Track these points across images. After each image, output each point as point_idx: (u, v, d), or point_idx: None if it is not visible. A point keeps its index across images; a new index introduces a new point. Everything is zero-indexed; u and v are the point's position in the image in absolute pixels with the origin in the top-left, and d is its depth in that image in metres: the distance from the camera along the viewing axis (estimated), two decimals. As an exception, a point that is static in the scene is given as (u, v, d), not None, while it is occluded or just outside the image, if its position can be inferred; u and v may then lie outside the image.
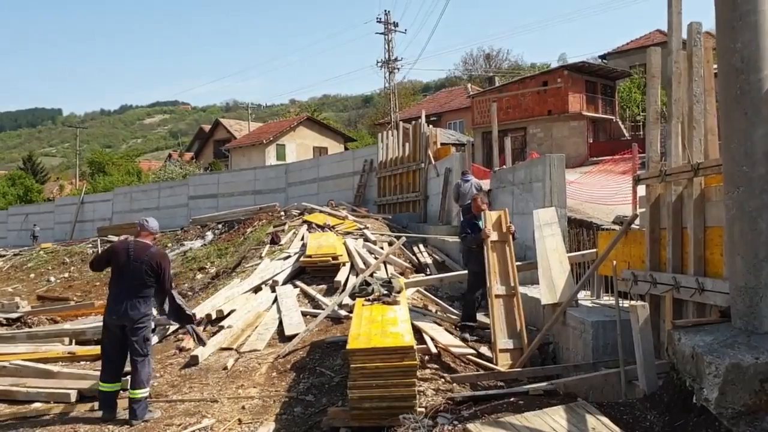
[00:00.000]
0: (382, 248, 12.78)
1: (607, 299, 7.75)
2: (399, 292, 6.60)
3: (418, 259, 13.08)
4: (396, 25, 38.13)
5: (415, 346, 5.06)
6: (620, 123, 33.88)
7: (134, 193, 34.16)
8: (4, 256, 29.78)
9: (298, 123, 44.13)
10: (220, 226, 23.04)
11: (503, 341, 6.89)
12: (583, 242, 9.99)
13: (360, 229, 15.52)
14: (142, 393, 5.90)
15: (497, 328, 6.87)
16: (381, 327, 5.39)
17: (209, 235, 22.42)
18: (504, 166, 13.76)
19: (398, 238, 15.33)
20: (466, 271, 8.53)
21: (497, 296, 7.21)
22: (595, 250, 8.22)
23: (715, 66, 5.14)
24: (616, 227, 9.64)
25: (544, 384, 5.43)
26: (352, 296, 6.68)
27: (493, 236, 7.85)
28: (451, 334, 7.37)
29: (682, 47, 6.15)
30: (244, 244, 18.66)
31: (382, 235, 15.32)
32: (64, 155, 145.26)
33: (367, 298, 6.42)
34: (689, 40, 5.87)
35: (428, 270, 12.26)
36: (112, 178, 47.99)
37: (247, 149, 42.91)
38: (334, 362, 6.68)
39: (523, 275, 9.79)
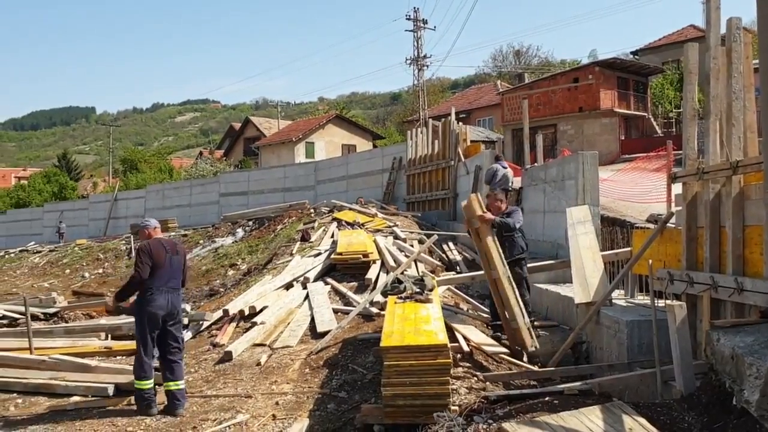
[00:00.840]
0: (412, 246, 12.79)
1: (642, 299, 7.66)
2: (431, 290, 6.60)
3: (448, 257, 13.05)
4: (425, 22, 38.10)
5: (449, 344, 5.06)
6: (653, 120, 33.38)
7: (166, 190, 34.66)
8: (40, 252, 30.45)
9: (326, 121, 44.32)
10: (250, 223, 23.27)
11: (523, 321, 6.77)
12: (617, 241, 9.88)
13: (389, 226, 15.54)
14: (183, 383, 6.09)
15: (515, 310, 6.70)
16: (414, 325, 5.40)
17: (240, 232, 22.66)
18: (535, 164, 13.66)
19: (428, 236, 15.38)
20: None
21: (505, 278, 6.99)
22: (629, 248, 8.13)
23: (755, 62, 5.05)
24: (651, 226, 9.50)
25: (578, 383, 5.39)
26: (384, 294, 6.70)
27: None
28: (483, 332, 7.35)
29: (721, 43, 6.03)
30: (275, 241, 18.84)
31: (412, 232, 15.30)
32: (97, 153, 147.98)
33: (399, 295, 6.44)
34: (728, 35, 5.76)
35: (458, 268, 12.23)
36: (145, 176, 48.71)
37: (277, 147, 43.23)
38: (367, 359, 6.71)
39: (555, 273, 9.76)
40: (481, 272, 8.35)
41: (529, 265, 8.68)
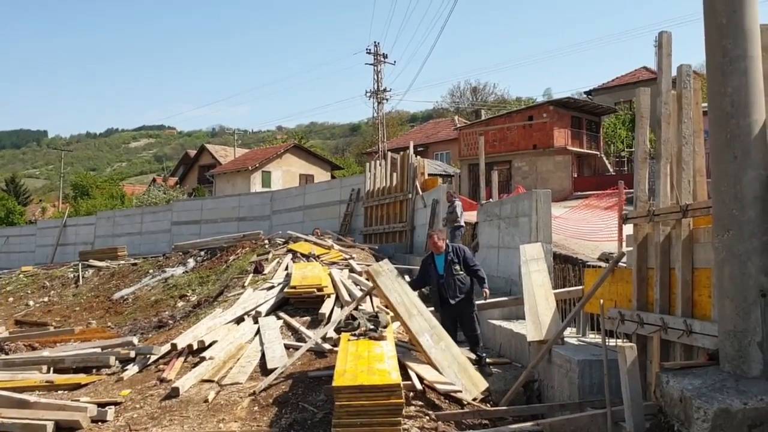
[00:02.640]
0: (368, 279, 12.69)
1: (593, 337, 7.72)
2: (385, 327, 6.52)
3: (403, 291, 12.97)
4: (385, 56, 38.58)
5: (402, 384, 4.98)
6: (605, 158, 34.28)
7: (117, 217, 33.88)
8: (-20, 278, 29.24)
9: (284, 150, 44.21)
10: (202, 253, 22.82)
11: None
12: (569, 278, 9.99)
13: (345, 259, 15.44)
14: None
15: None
16: (367, 363, 5.31)
17: (191, 262, 22.19)
18: (490, 200, 13.82)
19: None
20: None
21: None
22: (581, 287, 8.22)
23: (704, 106, 5.21)
24: (603, 264, 9.64)
25: (530, 424, 5.36)
26: (338, 330, 6.59)
27: None
28: (436, 369, 7.28)
29: (672, 87, 6.22)
30: (227, 272, 18.49)
31: (367, 265, 15.21)
32: (48, 177, 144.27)
33: (353, 332, 6.34)
34: (679, 81, 5.95)
35: (413, 302, 12.18)
36: (96, 202, 47.56)
37: (232, 175, 42.82)
38: (318, 397, 6.55)
39: (508, 310, 9.79)
40: (432, 309, 8.36)
41: (482, 302, 8.72)
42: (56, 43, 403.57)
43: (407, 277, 14.66)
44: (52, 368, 9.13)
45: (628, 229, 7.01)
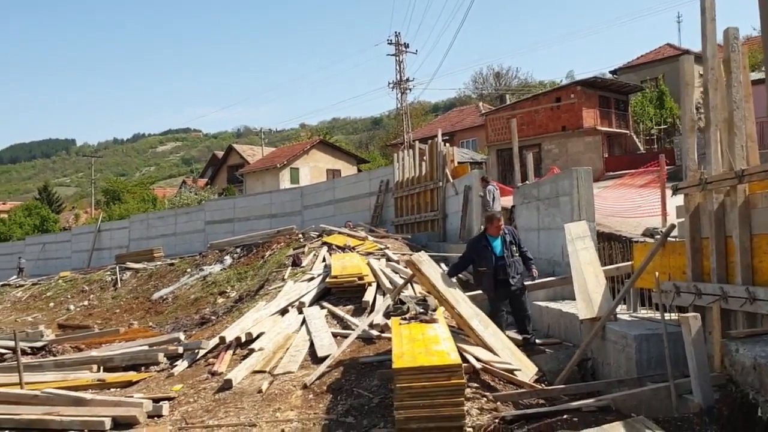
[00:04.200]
0: (406, 268, 12.68)
1: (645, 313, 7.59)
2: (434, 310, 6.49)
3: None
4: (407, 46, 38.38)
5: (462, 364, 4.94)
6: (635, 137, 33.73)
7: (151, 219, 34.31)
8: (22, 285, 29.89)
9: (311, 146, 44.36)
10: (238, 250, 23.01)
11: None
12: (614, 256, 9.83)
13: (381, 249, 15.45)
14: None
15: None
16: (424, 345, 5.28)
17: (228, 260, 22.39)
18: (527, 182, 13.67)
19: (420, 257, 15.30)
20: None
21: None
22: (629, 263, 8.08)
23: (752, 72, 5.05)
24: (648, 240, 9.50)
25: (592, 400, 5.28)
26: (387, 315, 6.57)
27: None
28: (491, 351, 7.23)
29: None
30: (264, 267, 18.62)
31: (403, 254, 15.20)
32: (78, 185, 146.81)
33: (403, 317, 6.31)
34: (726, 45, 5.78)
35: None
36: (128, 206, 48.28)
37: (261, 174, 43.10)
38: (371, 383, 6.55)
39: (553, 291, 9.69)
40: (476, 292, 8.32)
41: (531, 282, 8.65)
42: (79, 52, 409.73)
43: (443, 266, 14.64)
44: (101, 367, 9.25)
45: (676, 201, 6.87)
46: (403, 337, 5.57)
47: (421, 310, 6.35)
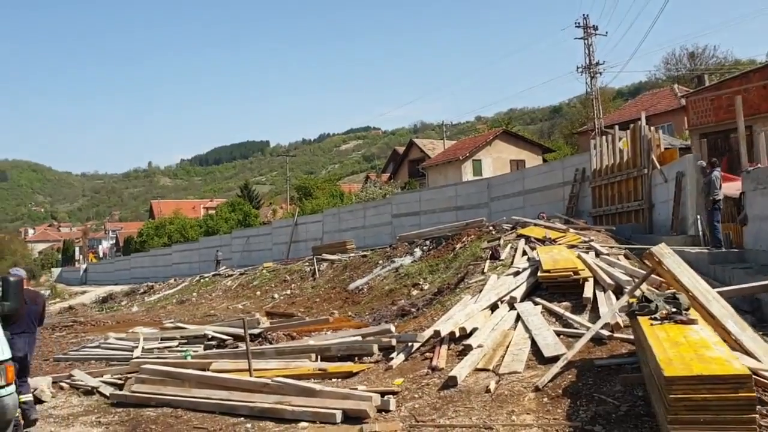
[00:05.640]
0: (617, 261, 11.72)
1: None
2: (687, 310, 5.71)
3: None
4: (596, 28, 36.26)
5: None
6: None
7: (342, 213, 35.71)
8: (231, 275, 32.47)
9: (493, 137, 43.60)
10: (427, 242, 23.03)
11: None
12: None
13: (585, 242, 14.50)
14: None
15: None
16: (693, 351, 4.58)
17: (418, 252, 22.50)
18: (758, 165, 12.03)
19: (632, 250, 14.14)
20: None
21: None
22: None
23: None
24: None
25: None
26: (632, 314, 5.91)
27: None
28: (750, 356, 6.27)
29: None
30: (456, 260, 18.40)
31: (612, 247, 14.15)
32: (272, 183, 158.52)
33: (651, 316, 5.62)
34: None
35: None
36: (319, 201, 50.82)
37: (443, 167, 43.16)
38: (613, 388, 5.94)
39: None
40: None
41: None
42: (274, 60, 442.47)
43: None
44: (318, 356, 9.49)
45: None
46: (662, 340, 4.90)
47: (674, 310, 5.60)
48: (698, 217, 14.08)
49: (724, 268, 10.34)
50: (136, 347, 12.76)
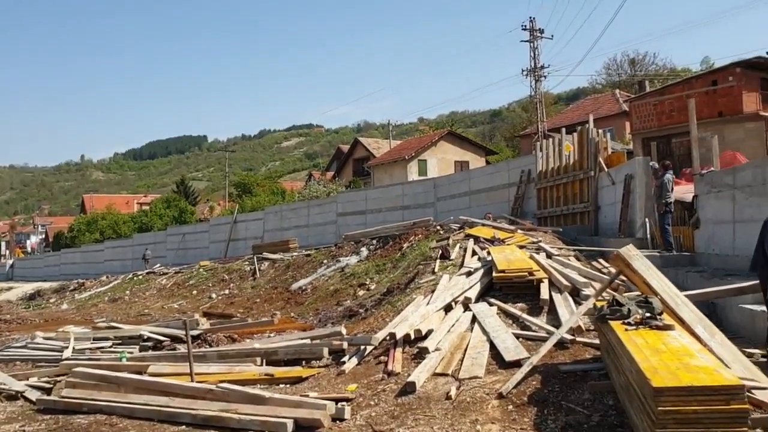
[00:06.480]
0: (569, 262, 11.61)
1: None
2: (661, 314, 5.47)
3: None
4: (542, 32, 36.66)
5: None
6: (801, 123, 30.14)
7: (284, 211, 34.93)
8: (166, 273, 31.29)
9: (439, 138, 43.71)
10: (374, 241, 22.67)
11: None
12: None
13: (534, 242, 14.39)
14: None
15: None
16: (677, 359, 4.31)
17: (364, 251, 22.10)
18: (711, 169, 12.13)
19: (581, 251, 14.12)
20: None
21: None
22: None
23: None
24: None
25: None
26: (602, 319, 5.63)
27: None
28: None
29: None
30: (404, 259, 18.09)
31: (561, 249, 14.08)
32: (209, 179, 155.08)
33: (624, 321, 5.35)
34: None
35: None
36: (259, 199, 49.80)
37: (389, 166, 42.94)
38: (581, 396, 5.65)
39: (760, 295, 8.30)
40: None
41: (736, 286, 7.41)
42: (206, 52, 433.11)
43: (602, 262, 13.37)
44: (264, 360, 8.95)
45: None
46: (641, 347, 4.61)
47: (648, 314, 5.35)
48: (647, 220, 14.15)
49: (677, 271, 10.31)
50: (66, 348, 11.92)
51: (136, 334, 12.60)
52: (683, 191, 13.77)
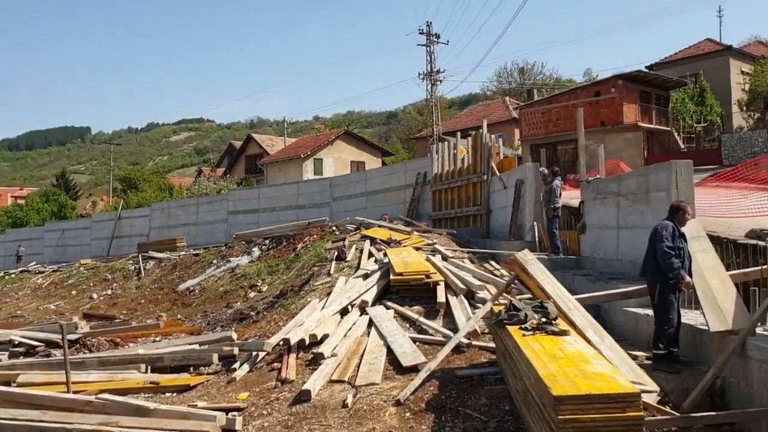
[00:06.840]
0: (464, 264, 11.74)
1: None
2: (556, 319, 5.53)
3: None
4: (438, 36, 37.33)
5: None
6: (675, 134, 32.54)
7: (172, 208, 33.47)
8: (43, 272, 29.19)
9: (335, 137, 43.45)
10: (267, 241, 22.12)
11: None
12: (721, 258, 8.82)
13: (429, 244, 14.50)
14: None
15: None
16: (574, 365, 4.32)
17: (256, 251, 21.51)
18: (598, 176, 12.67)
19: (474, 254, 14.36)
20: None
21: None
22: (761, 267, 7.09)
23: None
24: (756, 242, 8.52)
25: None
26: (500, 324, 5.62)
27: None
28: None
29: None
30: (298, 260, 17.73)
31: (455, 251, 14.26)
32: (92, 172, 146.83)
33: (521, 326, 5.36)
34: None
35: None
36: (146, 194, 47.56)
37: (284, 164, 42.24)
38: (478, 401, 5.63)
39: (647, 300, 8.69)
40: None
41: (624, 290, 7.72)
42: (94, 41, 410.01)
43: (494, 263, 13.67)
44: (149, 367, 8.39)
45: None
46: (539, 353, 4.61)
47: (544, 319, 5.39)
48: (535, 223, 14.60)
49: (565, 274, 10.64)
50: None
51: (6, 339, 11.47)
52: (569, 197, 14.32)
